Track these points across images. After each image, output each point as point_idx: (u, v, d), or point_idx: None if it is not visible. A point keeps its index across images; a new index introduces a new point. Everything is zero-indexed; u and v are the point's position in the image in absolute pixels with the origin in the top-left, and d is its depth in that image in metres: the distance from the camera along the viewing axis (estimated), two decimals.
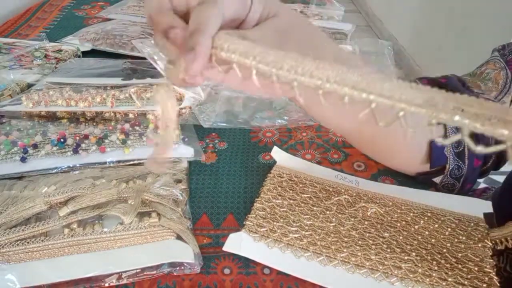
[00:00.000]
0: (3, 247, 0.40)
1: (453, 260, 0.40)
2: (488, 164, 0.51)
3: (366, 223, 0.44)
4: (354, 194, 0.47)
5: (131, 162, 0.52)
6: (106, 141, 0.54)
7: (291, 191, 0.48)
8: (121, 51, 0.78)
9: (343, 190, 0.48)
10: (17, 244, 0.40)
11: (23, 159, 0.50)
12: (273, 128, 0.62)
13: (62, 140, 0.53)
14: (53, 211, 0.43)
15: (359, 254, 0.40)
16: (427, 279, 0.38)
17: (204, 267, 0.41)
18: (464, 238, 0.42)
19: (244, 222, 0.44)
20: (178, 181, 0.49)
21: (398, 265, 0.39)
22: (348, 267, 0.40)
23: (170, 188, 0.46)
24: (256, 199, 0.47)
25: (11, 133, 0.54)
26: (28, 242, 0.40)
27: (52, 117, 0.58)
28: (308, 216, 0.44)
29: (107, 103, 0.57)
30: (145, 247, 0.42)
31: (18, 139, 0.53)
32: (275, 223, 0.44)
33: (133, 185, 0.46)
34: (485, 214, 0.45)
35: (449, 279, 0.38)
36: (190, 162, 0.54)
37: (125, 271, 0.40)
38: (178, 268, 0.40)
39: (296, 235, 0.42)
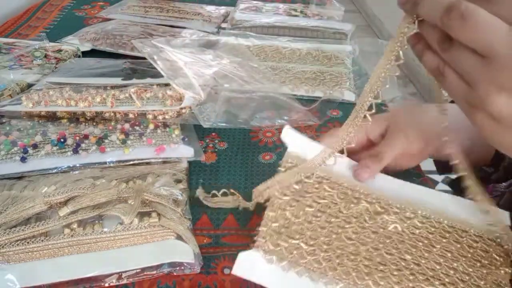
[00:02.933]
0: (3, 247, 0.40)
1: None
2: None
3: (387, 241, 0.40)
4: (374, 200, 0.43)
5: (131, 162, 0.52)
6: (106, 141, 0.54)
7: (307, 195, 0.42)
8: (121, 51, 0.78)
9: (362, 196, 0.43)
10: (17, 244, 0.40)
11: (23, 159, 0.50)
12: (273, 128, 0.62)
13: (62, 140, 0.53)
14: (53, 211, 0.43)
15: (382, 283, 0.37)
16: None
17: (204, 267, 0.41)
18: (486, 262, 0.39)
19: (255, 237, 0.39)
20: (178, 181, 0.49)
21: None
22: None
23: (170, 188, 0.46)
24: (268, 203, 0.41)
25: (11, 133, 0.54)
26: (28, 242, 0.40)
27: (52, 117, 0.58)
28: (325, 231, 0.40)
29: (107, 103, 0.57)
30: (145, 247, 0.42)
31: (18, 139, 0.53)
32: (291, 240, 0.39)
33: (133, 185, 0.46)
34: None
35: None
36: (190, 162, 0.54)
37: (125, 271, 0.40)
38: (178, 268, 0.40)
39: (314, 257, 0.38)
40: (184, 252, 0.41)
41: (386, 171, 0.47)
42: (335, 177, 0.44)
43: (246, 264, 0.37)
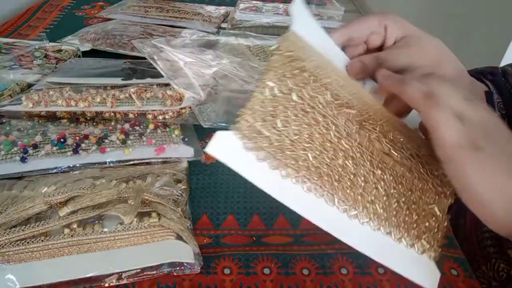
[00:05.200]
0: (3, 247, 0.40)
1: (421, 212, 0.39)
2: None
3: (365, 151, 0.38)
4: (367, 111, 0.39)
5: (131, 162, 0.52)
6: (106, 141, 0.54)
7: (301, 86, 0.37)
8: (121, 51, 0.78)
9: (356, 103, 0.38)
10: (17, 244, 0.40)
11: (23, 159, 0.50)
12: None
13: (62, 140, 0.53)
14: (53, 211, 0.43)
15: (348, 191, 0.37)
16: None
17: (204, 267, 0.41)
18: (440, 189, 0.40)
19: (237, 118, 0.35)
20: (178, 181, 0.49)
21: (376, 209, 0.37)
22: (330, 199, 0.36)
23: (170, 188, 0.46)
24: (258, 84, 0.37)
25: (11, 133, 0.54)
26: (28, 242, 0.40)
27: (52, 117, 0.58)
28: (309, 128, 0.37)
29: (107, 103, 0.57)
30: (145, 247, 0.42)
31: (18, 139, 0.53)
32: (273, 130, 0.35)
33: (133, 185, 0.46)
34: None
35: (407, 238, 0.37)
36: (190, 162, 0.54)
37: (125, 271, 0.40)
38: (178, 268, 0.40)
39: (292, 154, 0.36)
40: (184, 252, 0.41)
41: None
42: (339, 78, 0.39)
43: (223, 145, 0.34)
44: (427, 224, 0.39)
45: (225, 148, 0.34)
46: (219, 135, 0.34)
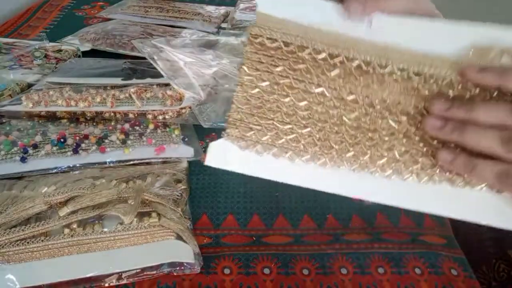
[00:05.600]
0: (3, 247, 0.40)
1: None
2: None
3: (379, 102, 0.32)
4: (370, 57, 0.32)
5: (131, 162, 0.52)
6: (106, 141, 0.54)
7: (281, 64, 0.33)
8: (121, 51, 0.78)
9: (354, 52, 0.32)
10: (17, 244, 0.40)
11: (23, 159, 0.50)
12: None
13: (62, 140, 0.53)
14: (53, 211, 0.43)
15: (369, 152, 0.32)
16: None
17: (204, 267, 0.41)
18: None
19: (224, 124, 0.35)
20: (178, 181, 0.49)
21: (415, 159, 0.32)
22: (354, 167, 0.33)
23: (170, 188, 0.46)
24: (237, 84, 0.34)
25: (11, 133, 0.54)
26: (28, 242, 0.40)
27: (52, 117, 0.58)
28: (305, 103, 0.33)
29: (107, 103, 0.57)
30: (145, 247, 0.42)
31: (18, 139, 0.53)
32: (263, 121, 0.33)
33: (133, 185, 0.46)
34: None
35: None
36: (190, 162, 0.54)
37: (125, 271, 0.40)
38: (178, 268, 0.40)
39: (291, 136, 0.33)
40: (184, 252, 0.41)
41: None
42: (325, 38, 0.33)
43: (219, 153, 0.34)
44: None
45: (222, 156, 0.34)
46: (212, 146, 0.34)
